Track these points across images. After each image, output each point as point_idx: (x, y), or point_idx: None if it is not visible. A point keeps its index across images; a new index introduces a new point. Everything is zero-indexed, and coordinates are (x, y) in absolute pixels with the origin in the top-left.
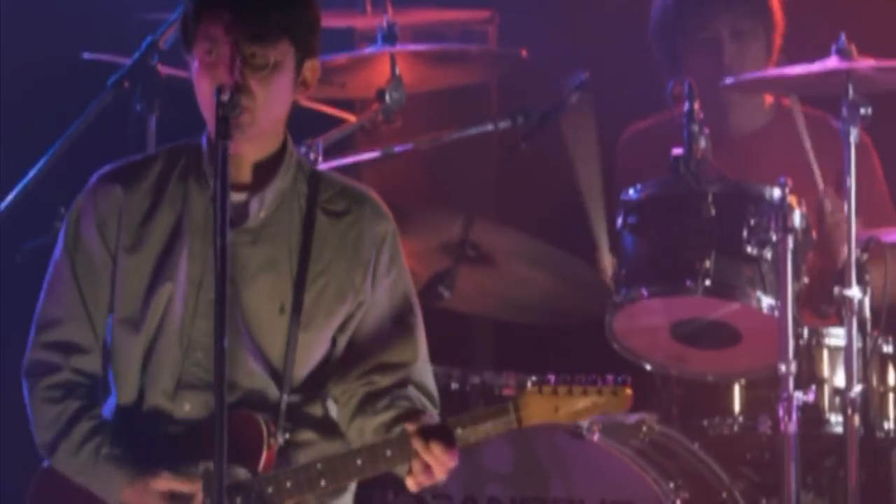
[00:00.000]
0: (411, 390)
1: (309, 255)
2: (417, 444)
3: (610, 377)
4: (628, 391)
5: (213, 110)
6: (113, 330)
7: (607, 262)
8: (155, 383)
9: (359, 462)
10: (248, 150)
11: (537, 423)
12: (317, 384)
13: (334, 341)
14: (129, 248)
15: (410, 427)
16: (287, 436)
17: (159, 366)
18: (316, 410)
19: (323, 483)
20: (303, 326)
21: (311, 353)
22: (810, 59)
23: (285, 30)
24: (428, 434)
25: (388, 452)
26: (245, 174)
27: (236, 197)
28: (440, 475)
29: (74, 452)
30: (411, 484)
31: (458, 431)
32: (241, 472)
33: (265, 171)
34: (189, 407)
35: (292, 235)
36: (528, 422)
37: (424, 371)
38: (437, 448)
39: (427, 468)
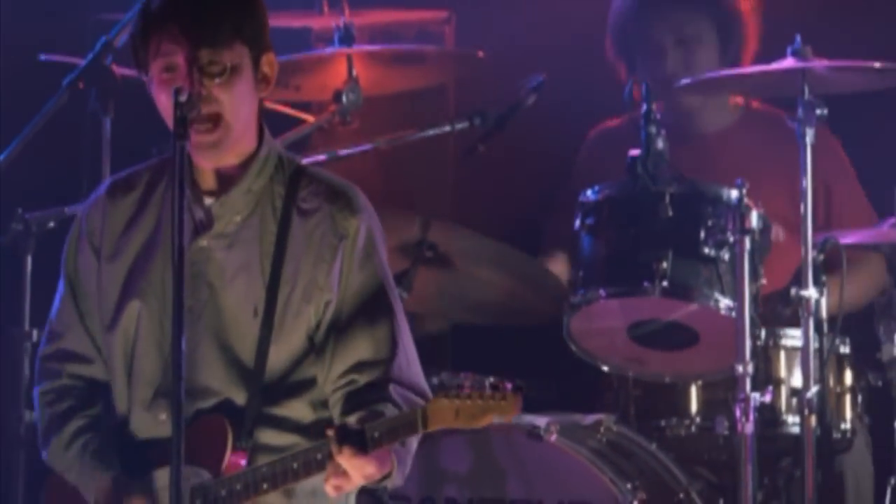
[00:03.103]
0: (391, 389)
1: (283, 256)
2: (333, 448)
3: (509, 384)
4: (518, 398)
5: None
6: (104, 338)
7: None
8: (136, 392)
9: (295, 465)
10: (223, 156)
11: (441, 428)
12: (294, 386)
13: (312, 342)
14: (108, 258)
15: (329, 431)
16: (258, 439)
17: (139, 375)
18: (292, 413)
19: (265, 486)
20: (274, 329)
21: (283, 355)
22: (766, 59)
23: (236, 31)
24: (342, 438)
25: (319, 456)
26: (216, 178)
27: (208, 201)
28: (357, 479)
29: (65, 448)
30: (328, 488)
31: (374, 435)
32: (204, 475)
33: (238, 174)
34: (165, 416)
35: (266, 237)
36: (433, 426)
37: (406, 366)
38: (346, 451)
39: (340, 471)
